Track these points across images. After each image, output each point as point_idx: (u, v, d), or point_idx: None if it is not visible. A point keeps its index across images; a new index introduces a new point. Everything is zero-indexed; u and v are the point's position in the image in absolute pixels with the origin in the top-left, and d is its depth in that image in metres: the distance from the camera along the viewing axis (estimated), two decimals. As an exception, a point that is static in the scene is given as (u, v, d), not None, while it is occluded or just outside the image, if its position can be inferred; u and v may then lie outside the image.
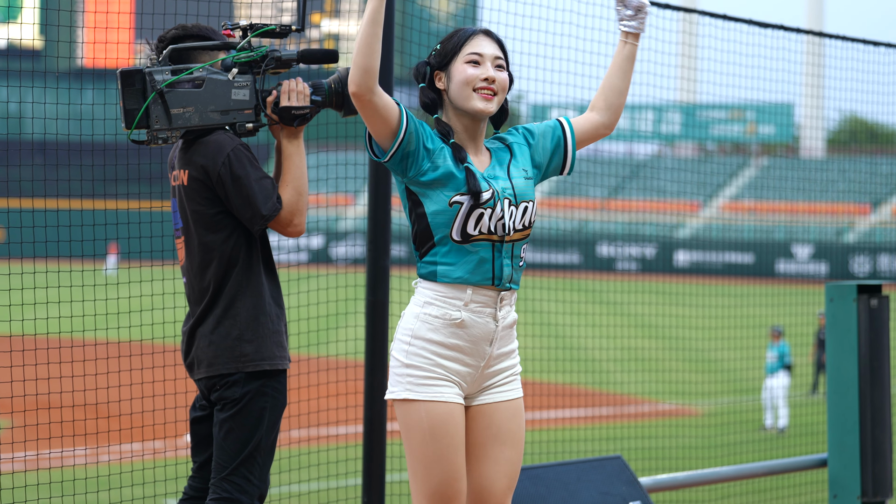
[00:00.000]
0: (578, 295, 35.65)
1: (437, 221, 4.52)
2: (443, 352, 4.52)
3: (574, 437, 17.07)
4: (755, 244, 52.12)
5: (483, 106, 4.59)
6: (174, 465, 10.75)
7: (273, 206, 5.26)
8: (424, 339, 4.52)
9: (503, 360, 4.64)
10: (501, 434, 4.62)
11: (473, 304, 4.53)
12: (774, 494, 13.66)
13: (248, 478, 5.28)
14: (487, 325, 4.55)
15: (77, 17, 51.17)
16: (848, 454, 7.97)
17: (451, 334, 4.52)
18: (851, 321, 8.03)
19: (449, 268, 4.52)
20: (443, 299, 4.52)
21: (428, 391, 4.50)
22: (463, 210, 4.49)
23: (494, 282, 4.54)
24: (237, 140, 5.34)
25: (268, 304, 5.35)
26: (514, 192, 4.58)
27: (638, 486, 6.65)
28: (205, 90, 5.26)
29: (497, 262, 4.54)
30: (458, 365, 4.53)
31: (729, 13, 9.10)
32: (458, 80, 4.59)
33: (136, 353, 9.45)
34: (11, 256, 9.05)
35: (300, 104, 5.28)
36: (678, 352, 27.45)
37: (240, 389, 5.28)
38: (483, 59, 4.60)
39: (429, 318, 4.52)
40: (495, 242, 4.53)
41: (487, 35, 4.65)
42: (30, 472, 11.37)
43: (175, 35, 5.44)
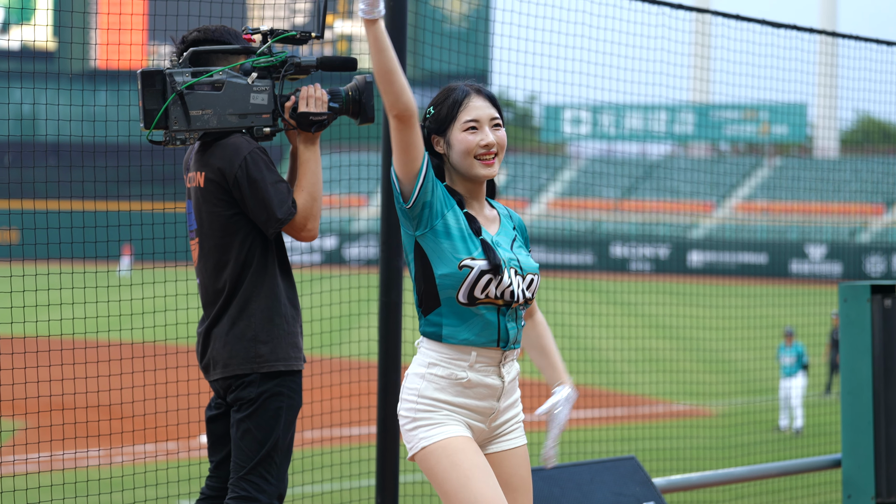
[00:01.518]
0: (592, 295, 35.63)
1: (445, 283, 4.50)
2: (450, 408, 4.52)
3: (588, 438, 17.06)
4: (769, 244, 52.03)
5: (486, 172, 4.58)
6: (187, 466, 10.76)
7: (288, 210, 5.28)
8: (431, 398, 4.51)
9: (509, 410, 4.65)
10: (513, 482, 4.63)
11: (478, 364, 4.52)
12: (788, 495, 13.64)
13: (266, 477, 5.31)
14: (493, 382, 4.55)
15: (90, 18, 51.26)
16: (862, 454, 7.95)
17: (458, 393, 4.51)
18: (865, 321, 8.01)
19: (455, 329, 4.51)
20: (448, 360, 4.51)
21: (441, 431, 4.48)
22: (472, 275, 4.46)
23: (500, 343, 4.54)
24: (254, 143, 5.36)
25: (283, 306, 5.38)
26: (519, 264, 4.58)
27: (652, 487, 6.64)
28: (224, 93, 5.28)
29: (503, 324, 4.54)
30: (466, 419, 4.54)
31: (742, 13, 9.09)
32: (458, 149, 4.57)
33: (149, 354, 9.46)
34: (26, 258, 9.07)
35: (318, 110, 5.31)
36: (692, 352, 27.42)
37: (255, 389, 5.31)
38: (480, 125, 4.57)
39: (434, 378, 4.52)
40: (500, 306, 4.53)
41: (479, 94, 4.61)
42: (44, 474, 11.39)
43: (196, 37, 5.46)
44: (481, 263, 4.48)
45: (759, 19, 9.12)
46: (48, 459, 11.95)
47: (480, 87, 4.63)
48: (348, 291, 13.67)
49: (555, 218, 53.06)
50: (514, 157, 39.36)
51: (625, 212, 56.42)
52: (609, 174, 53.57)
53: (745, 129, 63.50)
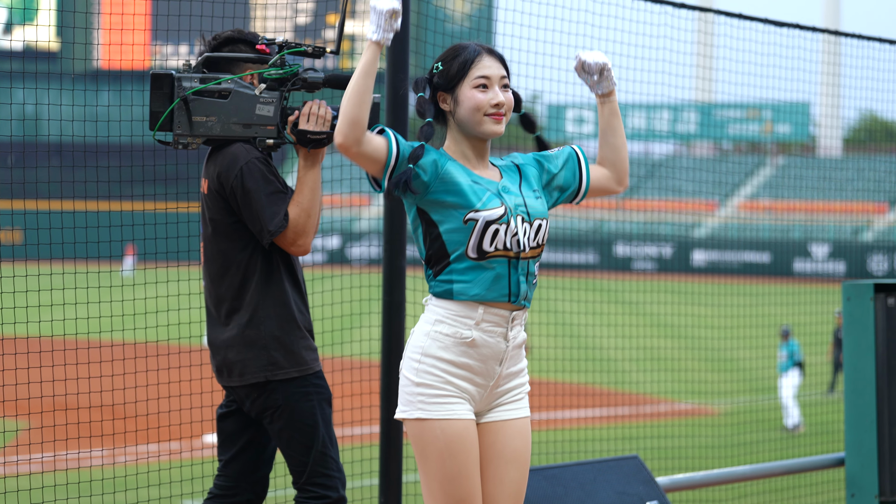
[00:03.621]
0: (595, 294, 35.63)
1: (453, 239, 4.48)
2: (453, 370, 4.49)
3: (591, 437, 17.06)
4: (772, 243, 52.01)
5: (496, 129, 4.58)
6: (190, 466, 10.76)
7: (279, 224, 5.29)
8: (435, 356, 4.49)
9: (512, 378, 4.61)
10: (506, 452, 4.59)
11: (485, 324, 4.50)
12: (792, 493, 13.63)
13: (328, 474, 5.39)
14: (498, 344, 4.52)
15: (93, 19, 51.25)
16: (866, 453, 7.95)
17: (462, 353, 4.49)
18: (868, 320, 8.00)
19: (466, 285, 4.49)
20: (454, 318, 4.49)
21: (442, 409, 4.47)
22: (478, 227, 4.46)
23: (511, 298, 4.51)
24: (254, 153, 5.36)
25: (293, 311, 5.40)
26: (526, 209, 4.57)
27: (655, 486, 6.64)
28: (230, 102, 5.30)
29: (514, 278, 4.52)
30: (467, 384, 4.51)
31: (745, 12, 9.08)
32: (467, 105, 4.57)
33: (153, 354, 9.46)
34: (28, 258, 9.07)
35: (317, 129, 5.28)
36: (695, 351, 27.41)
37: (281, 396, 5.35)
38: (491, 83, 4.58)
39: (440, 336, 4.49)
40: (511, 259, 4.51)
41: (491, 54, 4.62)
42: (48, 474, 11.40)
43: (229, 37, 5.50)
44: (485, 214, 4.48)
45: (763, 18, 9.11)
46: (52, 459, 11.96)
47: (490, 48, 4.64)
48: (351, 291, 13.68)
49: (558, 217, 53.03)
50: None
51: (628, 211, 56.41)
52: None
53: (749, 128, 63.48)
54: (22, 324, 8.56)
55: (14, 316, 8.54)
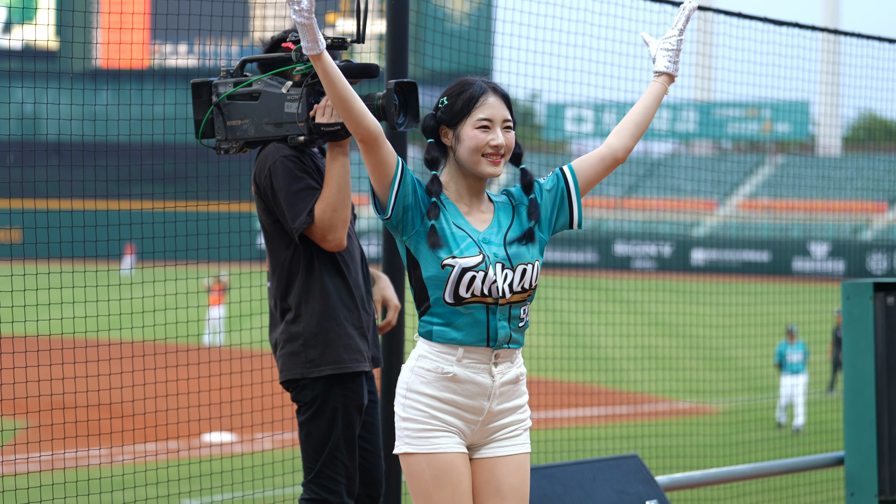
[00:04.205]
0: (595, 293, 35.62)
1: (431, 284, 4.48)
2: (437, 405, 4.48)
3: (590, 436, 17.06)
4: (772, 242, 52.00)
5: (492, 170, 4.56)
6: (188, 465, 10.76)
7: (303, 221, 5.35)
8: (418, 391, 4.49)
9: (506, 415, 4.58)
10: (502, 489, 4.56)
11: (466, 360, 4.49)
12: (791, 492, 13.63)
13: (333, 477, 5.43)
14: (483, 380, 4.50)
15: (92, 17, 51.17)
16: (865, 452, 7.94)
17: (445, 388, 4.48)
18: (868, 319, 7.99)
19: (444, 328, 4.48)
20: (436, 354, 4.49)
21: (426, 443, 4.47)
22: (454, 273, 4.45)
23: (490, 343, 4.50)
24: (284, 151, 5.41)
25: (334, 308, 5.44)
26: (507, 256, 4.53)
27: (654, 485, 6.63)
28: (260, 103, 5.34)
29: (492, 323, 4.50)
30: (454, 418, 4.50)
31: (744, 11, 9.08)
32: (467, 145, 4.55)
33: (151, 353, 9.46)
34: (27, 257, 9.07)
35: (330, 121, 5.28)
36: (695, 350, 27.41)
37: (311, 392, 5.42)
38: (493, 125, 4.56)
39: (422, 372, 4.50)
40: (489, 305, 4.49)
41: (495, 93, 4.59)
42: (46, 473, 11.39)
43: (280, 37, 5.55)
44: (462, 261, 4.46)
45: (762, 17, 9.10)
46: (50, 459, 11.95)
47: (497, 86, 4.61)
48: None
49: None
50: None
51: (627, 210, 56.42)
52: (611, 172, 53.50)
53: (748, 126, 63.46)
54: (20, 323, 8.56)
55: (12, 315, 8.53)
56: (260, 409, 10.48)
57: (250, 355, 11.04)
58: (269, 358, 12.83)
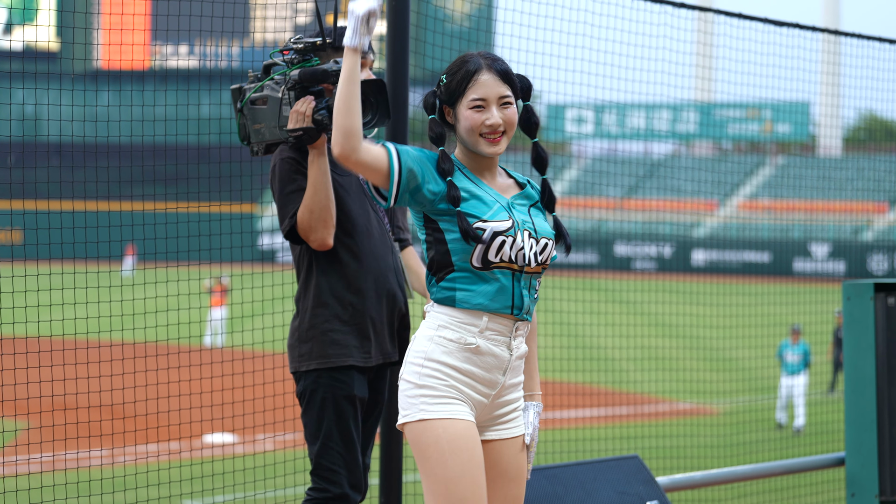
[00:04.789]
0: (595, 294, 35.63)
1: (458, 248, 4.42)
2: (457, 375, 4.42)
3: (591, 437, 17.06)
4: (772, 243, 52.01)
5: (490, 150, 4.49)
6: (190, 466, 10.76)
7: (287, 223, 5.45)
8: (438, 361, 4.42)
9: (513, 391, 4.55)
10: (510, 471, 4.55)
11: (489, 332, 4.44)
12: (792, 493, 13.63)
13: (330, 468, 5.49)
14: (502, 353, 4.46)
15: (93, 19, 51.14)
16: (866, 452, 7.94)
17: (466, 359, 4.43)
18: (869, 319, 8.00)
19: (468, 293, 4.42)
20: (458, 324, 4.43)
21: (443, 409, 4.40)
22: (486, 236, 4.39)
23: (514, 311, 4.45)
24: (285, 153, 5.51)
25: (325, 304, 5.52)
26: (534, 226, 4.50)
27: (655, 486, 6.63)
28: (269, 107, 5.46)
29: (517, 290, 4.45)
30: (471, 391, 4.44)
31: (745, 12, 9.08)
32: (464, 125, 4.49)
33: (153, 353, 9.46)
34: (28, 258, 9.07)
35: (294, 126, 5.33)
36: (695, 351, 27.42)
37: (301, 386, 5.53)
38: (488, 104, 4.49)
39: (443, 342, 4.43)
40: (515, 272, 4.45)
41: (490, 69, 4.51)
42: (47, 474, 11.39)
43: None
44: (493, 225, 4.41)
45: (763, 18, 9.10)
46: (51, 460, 11.95)
47: (493, 62, 4.53)
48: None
49: (558, 217, 53.06)
50: (516, 157, 39.35)
51: (628, 210, 56.43)
52: (612, 173, 53.56)
53: (749, 127, 63.48)
54: (21, 324, 8.56)
55: (13, 316, 8.52)
56: (261, 409, 10.49)
57: (252, 356, 11.04)
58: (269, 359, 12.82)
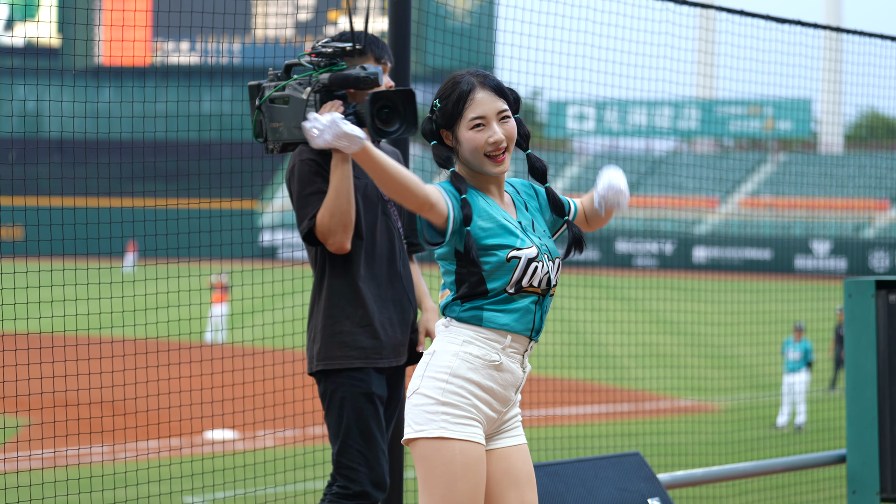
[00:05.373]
0: (597, 291, 35.63)
1: (495, 276, 4.44)
2: (479, 393, 4.43)
3: (592, 434, 17.07)
4: (773, 240, 52.00)
5: (497, 170, 4.49)
6: (191, 462, 10.76)
7: (306, 225, 5.50)
8: (464, 377, 4.41)
9: (516, 405, 4.61)
10: (522, 477, 4.56)
11: (510, 350, 4.47)
12: (793, 490, 13.64)
13: (350, 465, 5.57)
14: (517, 371, 4.50)
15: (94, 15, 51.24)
16: (867, 450, 7.94)
17: (489, 376, 4.43)
18: (870, 317, 7.99)
19: (496, 314, 4.44)
20: (484, 340, 4.44)
21: (465, 430, 4.40)
22: (521, 264, 4.42)
23: (532, 333, 4.51)
24: (305, 154, 5.57)
25: (336, 306, 5.58)
26: (548, 248, 4.55)
27: (656, 483, 6.63)
28: (290, 107, 5.50)
29: (538, 314, 4.50)
30: (487, 408, 4.46)
31: (746, 9, 9.08)
32: (467, 147, 4.47)
33: (153, 350, 9.46)
34: (29, 254, 9.07)
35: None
36: (696, 348, 27.42)
37: (322, 387, 5.63)
38: (488, 121, 4.46)
39: (469, 357, 4.42)
40: (539, 295, 4.49)
41: (484, 86, 4.49)
42: (47, 470, 11.39)
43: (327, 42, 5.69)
44: (527, 252, 4.44)
45: (764, 15, 9.10)
46: (52, 456, 11.95)
47: (485, 79, 4.49)
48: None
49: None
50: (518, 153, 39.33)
51: (629, 207, 56.28)
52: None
53: (750, 124, 63.46)
54: (22, 320, 8.56)
55: (14, 312, 8.53)
56: (262, 406, 10.49)
57: (252, 353, 11.05)
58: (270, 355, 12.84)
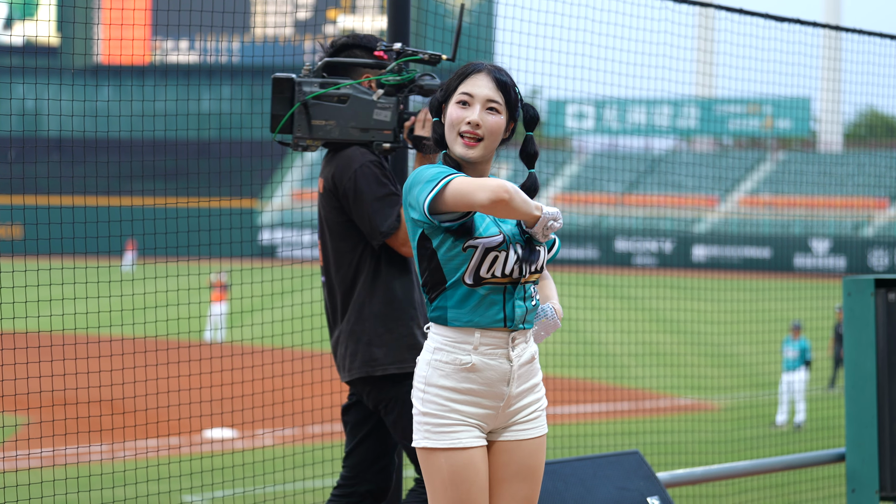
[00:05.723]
0: (596, 290, 35.63)
1: (450, 266, 4.37)
2: (456, 397, 4.39)
3: (591, 432, 17.07)
4: (773, 239, 52.01)
5: (462, 152, 4.40)
6: (189, 461, 10.76)
7: (391, 225, 5.46)
8: (437, 385, 4.39)
9: (525, 396, 4.50)
10: (522, 472, 4.50)
11: (483, 347, 4.39)
12: (792, 489, 13.64)
13: None
14: (501, 366, 4.41)
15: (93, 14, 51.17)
16: (866, 448, 7.94)
17: (464, 379, 4.38)
18: (869, 315, 7.99)
19: (459, 311, 4.38)
20: (452, 344, 4.39)
21: (445, 438, 4.39)
22: (478, 254, 4.33)
23: (507, 323, 4.40)
24: (369, 156, 5.53)
25: (398, 309, 5.56)
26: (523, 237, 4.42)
27: (655, 481, 6.63)
28: (348, 107, 5.47)
29: (508, 303, 4.39)
30: (474, 408, 4.41)
31: (745, 7, 9.07)
32: (448, 121, 4.41)
33: (153, 349, 9.45)
34: (28, 253, 9.06)
35: (420, 132, 5.41)
36: (696, 346, 27.42)
37: (388, 392, 5.54)
38: (473, 101, 4.39)
39: (439, 365, 4.39)
40: (507, 285, 4.38)
41: (489, 74, 4.42)
42: (46, 469, 11.39)
43: (345, 43, 5.68)
44: (485, 241, 4.34)
45: (763, 13, 9.10)
46: (51, 455, 11.95)
47: (495, 71, 4.43)
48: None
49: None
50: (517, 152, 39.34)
51: (629, 206, 56.42)
52: (613, 169, 53.51)
53: (749, 123, 63.46)
54: (22, 319, 8.56)
55: (14, 311, 8.52)
56: (261, 405, 10.48)
57: (251, 351, 11.05)
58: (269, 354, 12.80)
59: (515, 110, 4.49)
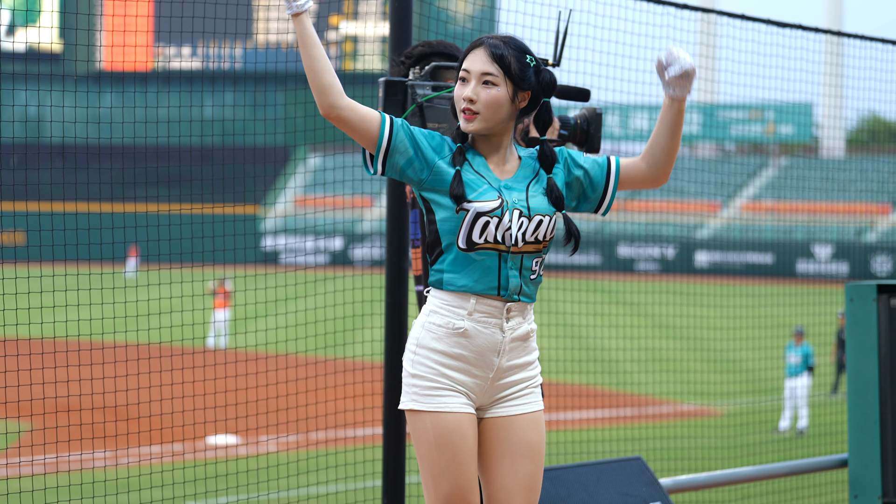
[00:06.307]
0: (598, 296, 35.63)
1: (445, 228, 4.42)
2: (446, 361, 4.43)
3: (594, 438, 17.06)
4: (775, 244, 52.00)
5: (463, 126, 4.47)
6: (193, 468, 10.77)
7: None
8: (428, 347, 4.44)
9: (516, 372, 4.52)
10: (521, 446, 4.51)
11: (478, 314, 4.43)
12: (795, 495, 13.63)
13: None
14: (493, 335, 4.44)
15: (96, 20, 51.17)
16: (869, 454, 7.94)
17: (455, 344, 4.43)
18: (871, 321, 8.00)
19: (454, 275, 4.43)
20: (447, 308, 4.44)
21: (432, 401, 4.42)
22: (468, 217, 4.38)
23: (500, 292, 4.43)
24: None
25: None
26: (527, 204, 4.44)
27: (658, 487, 6.64)
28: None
29: (503, 272, 4.42)
30: (463, 375, 4.45)
31: (747, 13, 9.08)
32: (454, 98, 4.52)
33: (156, 355, 9.46)
34: (31, 260, 9.08)
35: (549, 137, 5.41)
36: (698, 352, 27.41)
37: None
38: (469, 76, 4.47)
39: (433, 327, 4.44)
40: (501, 252, 4.42)
41: (486, 49, 4.47)
42: (49, 475, 11.39)
43: (422, 52, 5.71)
44: (476, 206, 4.38)
45: (765, 19, 9.11)
46: (54, 461, 11.96)
47: (492, 42, 4.49)
48: (353, 292, 13.68)
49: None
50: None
51: (631, 212, 56.42)
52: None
53: (751, 128, 63.48)
54: (24, 325, 8.57)
55: (16, 317, 8.53)
56: (264, 411, 10.50)
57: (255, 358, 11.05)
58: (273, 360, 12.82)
59: (522, 80, 4.50)
